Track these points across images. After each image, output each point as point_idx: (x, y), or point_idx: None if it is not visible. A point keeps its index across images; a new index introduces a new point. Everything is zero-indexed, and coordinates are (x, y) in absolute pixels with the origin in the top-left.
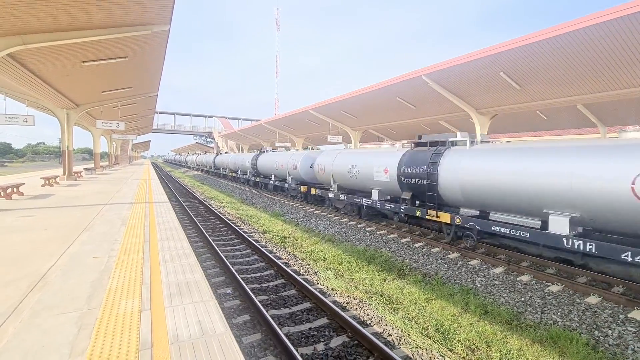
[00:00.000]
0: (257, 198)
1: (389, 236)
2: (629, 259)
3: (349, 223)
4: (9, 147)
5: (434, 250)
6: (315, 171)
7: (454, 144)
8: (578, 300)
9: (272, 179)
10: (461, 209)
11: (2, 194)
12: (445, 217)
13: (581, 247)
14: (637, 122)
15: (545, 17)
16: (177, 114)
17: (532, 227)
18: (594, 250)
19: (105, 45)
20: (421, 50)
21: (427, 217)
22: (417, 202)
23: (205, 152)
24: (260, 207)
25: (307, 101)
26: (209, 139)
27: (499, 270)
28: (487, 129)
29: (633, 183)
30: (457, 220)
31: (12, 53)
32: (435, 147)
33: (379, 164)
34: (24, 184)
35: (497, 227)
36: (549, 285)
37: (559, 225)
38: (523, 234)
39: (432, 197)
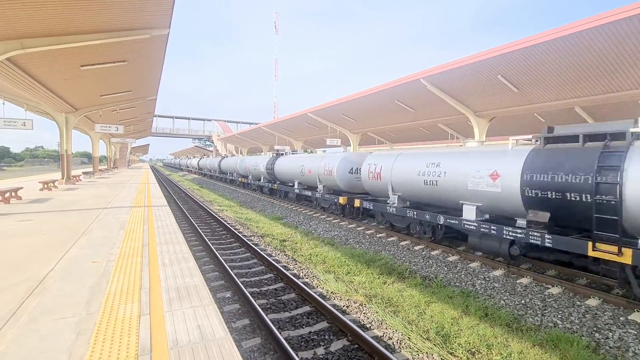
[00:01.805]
0: (256, 201)
1: (388, 239)
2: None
3: (349, 226)
4: (7, 151)
5: (433, 253)
6: None
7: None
8: (578, 302)
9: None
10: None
11: (0, 198)
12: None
13: (299, 192)
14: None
15: (543, 20)
16: (176, 118)
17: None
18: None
19: (104, 50)
20: (420, 52)
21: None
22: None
23: (206, 154)
24: (259, 210)
25: (306, 104)
26: (207, 143)
27: (498, 272)
28: (485, 132)
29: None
30: None
31: (11, 57)
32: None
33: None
34: (22, 188)
35: None
36: (549, 288)
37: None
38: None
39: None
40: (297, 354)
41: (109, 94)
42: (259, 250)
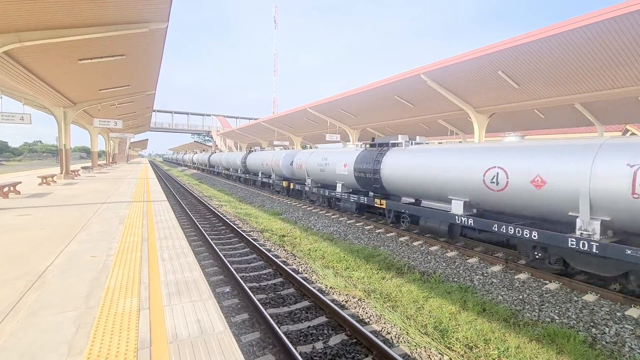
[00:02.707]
0: (255, 197)
1: (387, 235)
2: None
3: (348, 222)
4: (6, 146)
5: (432, 248)
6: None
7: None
8: (575, 298)
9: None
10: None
11: None
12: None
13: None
14: (635, 121)
15: (543, 16)
16: (175, 113)
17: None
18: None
19: (102, 43)
20: (420, 48)
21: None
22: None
23: (205, 149)
24: (258, 205)
25: (305, 100)
26: (207, 138)
27: (497, 268)
28: (485, 128)
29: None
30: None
31: (8, 51)
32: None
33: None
34: (21, 182)
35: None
36: (546, 283)
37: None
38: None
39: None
40: (296, 348)
41: (108, 88)
42: (258, 246)
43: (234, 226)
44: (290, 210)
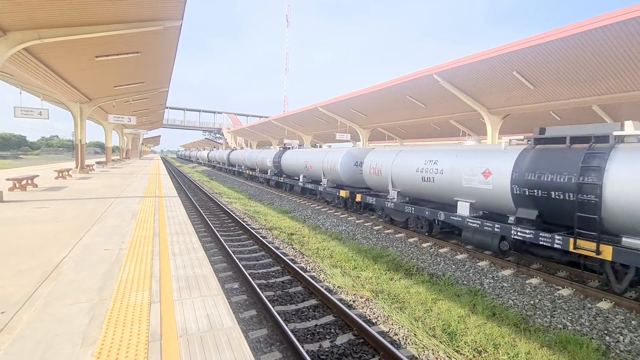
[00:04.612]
0: (264, 195)
1: (396, 235)
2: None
3: (356, 221)
4: (24, 140)
5: (441, 250)
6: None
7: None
8: (589, 304)
9: None
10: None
11: (17, 185)
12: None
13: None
14: None
15: (560, 16)
16: (187, 110)
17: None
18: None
19: (118, 41)
20: (431, 48)
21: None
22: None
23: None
24: (267, 203)
25: (316, 98)
26: (217, 135)
27: (508, 272)
28: (499, 130)
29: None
30: None
31: (28, 47)
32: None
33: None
34: (38, 176)
35: None
36: (559, 289)
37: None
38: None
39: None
40: (302, 346)
41: (122, 85)
42: (267, 243)
43: (243, 223)
44: (299, 209)
